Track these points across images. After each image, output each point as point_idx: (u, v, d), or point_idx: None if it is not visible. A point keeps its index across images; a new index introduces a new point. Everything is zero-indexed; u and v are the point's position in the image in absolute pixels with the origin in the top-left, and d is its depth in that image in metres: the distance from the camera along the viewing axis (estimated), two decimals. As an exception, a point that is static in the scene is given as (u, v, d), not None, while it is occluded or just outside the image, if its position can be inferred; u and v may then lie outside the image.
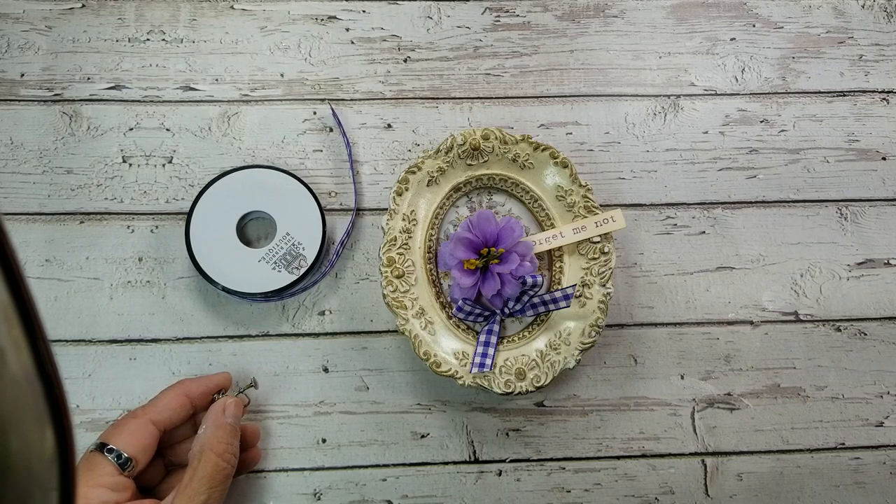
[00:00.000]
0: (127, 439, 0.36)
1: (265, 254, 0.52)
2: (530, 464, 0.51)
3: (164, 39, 0.59)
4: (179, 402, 0.40)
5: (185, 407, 0.40)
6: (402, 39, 0.60)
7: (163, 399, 0.39)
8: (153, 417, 0.38)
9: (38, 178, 0.55)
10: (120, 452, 0.35)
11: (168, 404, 0.39)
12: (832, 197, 0.57)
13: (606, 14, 0.61)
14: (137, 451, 0.36)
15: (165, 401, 0.39)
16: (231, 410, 0.40)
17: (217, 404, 0.41)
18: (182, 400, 0.40)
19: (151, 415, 0.38)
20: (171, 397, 0.40)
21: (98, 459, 0.35)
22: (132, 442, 0.36)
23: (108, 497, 0.34)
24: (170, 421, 0.39)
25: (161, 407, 0.39)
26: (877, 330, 0.55)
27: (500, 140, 0.52)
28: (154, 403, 0.39)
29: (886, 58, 0.61)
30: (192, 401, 0.40)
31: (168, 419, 0.39)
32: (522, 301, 0.50)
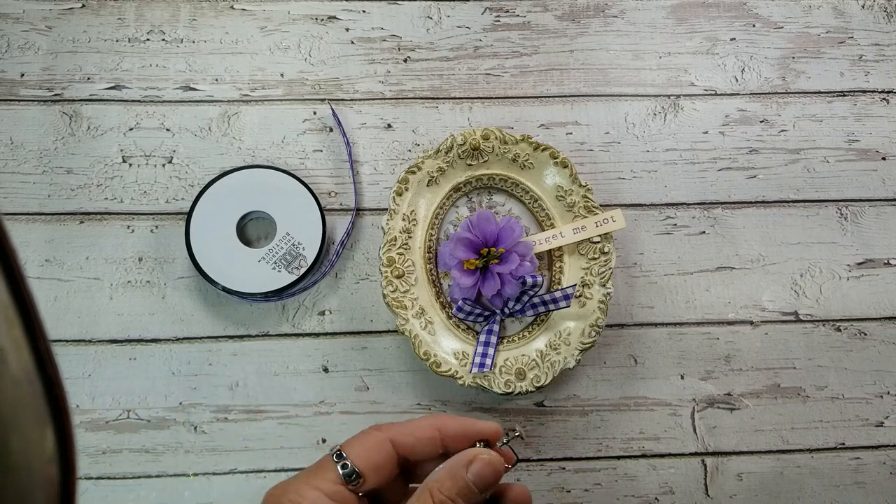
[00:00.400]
0: (360, 452, 0.34)
1: (265, 254, 0.52)
2: (530, 464, 0.51)
3: (164, 39, 0.59)
4: (428, 433, 0.36)
5: (433, 441, 0.35)
6: (402, 39, 0.60)
7: (412, 424, 0.36)
8: (394, 437, 0.35)
9: (38, 178, 0.55)
10: (347, 463, 0.33)
11: (414, 431, 0.35)
12: (832, 197, 0.57)
13: (606, 14, 0.61)
14: (368, 467, 0.33)
15: (413, 427, 0.36)
16: (477, 468, 0.34)
17: (466, 452, 0.35)
18: (431, 432, 0.36)
19: (394, 434, 0.35)
20: (420, 425, 0.36)
21: (328, 464, 0.33)
22: (364, 456, 0.34)
23: (322, 502, 0.32)
24: (412, 449, 0.35)
25: (407, 431, 0.35)
26: (877, 330, 0.55)
27: (500, 140, 0.52)
28: (402, 424, 0.36)
29: (886, 58, 0.61)
30: (443, 438, 0.36)
31: (410, 446, 0.35)
32: (522, 301, 0.50)
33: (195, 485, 0.50)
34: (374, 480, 0.33)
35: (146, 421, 0.51)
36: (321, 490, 0.32)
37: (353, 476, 0.33)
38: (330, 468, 0.33)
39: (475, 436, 0.36)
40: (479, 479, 0.33)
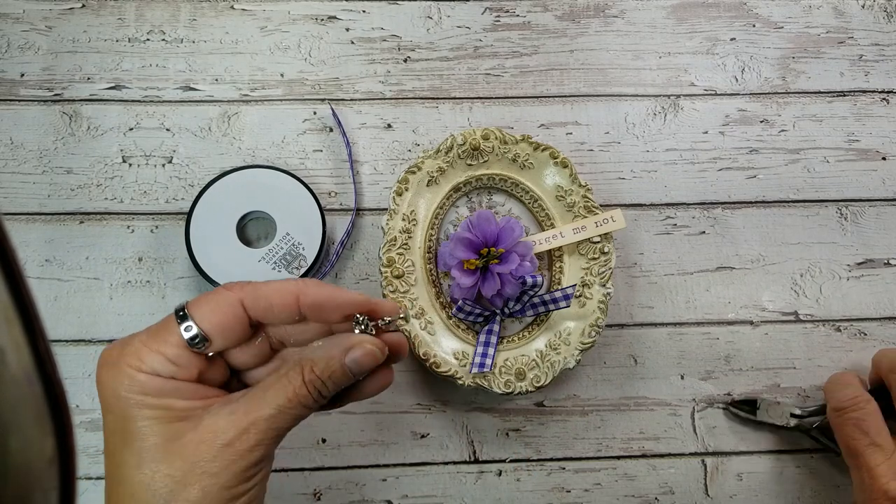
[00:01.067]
0: (207, 314, 0.30)
1: (265, 254, 0.52)
2: (530, 464, 0.51)
3: (164, 39, 0.59)
4: (284, 299, 0.32)
5: (288, 307, 0.32)
6: (402, 39, 0.60)
7: (268, 287, 0.32)
8: (245, 299, 0.31)
9: (38, 178, 0.55)
10: (192, 325, 0.30)
11: (270, 295, 0.32)
12: (832, 197, 0.58)
13: (606, 14, 0.61)
14: (215, 330, 0.30)
15: (269, 291, 0.32)
16: (357, 355, 0.31)
17: (352, 339, 0.32)
18: (287, 299, 0.32)
19: (245, 296, 0.31)
20: (277, 290, 0.32)
21: (170, 325, 0.30)
22: (211, 318, 0.30)
23: (162, 367, 0.29)
24: (264, 314, 0.32)
25: (261, 294, 0.31)
26: (877, 330, 0.55)
27: (500, 140, 0.52)
28: (257, 285, 0.32)
29: (886, 58, 0.61)
30: (302, 307, 0.32)
31: (262, 310, 0.31)
32: (522, 301, 0.50)
33: (195, 485, 0.50)
34: (221, 343, 0.31)
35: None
36: (162, 353, 0.29)
37: (198, 339, 0.30)
38: (173, 329, 0.30)
39: (340, 308, 0.33)
40: (355, 366, 0.32)
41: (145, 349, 0.29)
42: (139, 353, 0.29)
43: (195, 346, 0.30)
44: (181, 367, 0.30)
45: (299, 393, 0.30)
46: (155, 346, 0.29)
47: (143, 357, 0.29)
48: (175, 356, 0.30)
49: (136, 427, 0.28)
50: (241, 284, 0.32)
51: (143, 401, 0.28)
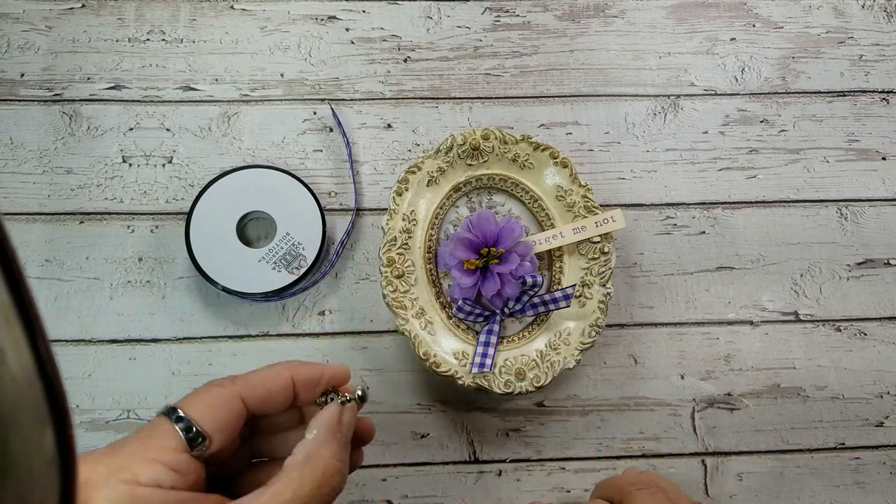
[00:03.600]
0: (204, 410, 0.27)
1: (265, 254, 0.52)
2: (530, 464, 0.51)
3: (164, 39, 0.59)
4: (281, 382, 0.30)
5: (285, 391, 0.30)
6: (402, 39, 0.60)
7: (261, 374, 0.30)
8: (244, 392, 0.29)
9: (38, 178, 0.55)
10: (191, 424, 0.27)
11: (266, 382, 0.30)
12: (832, 197, 0.58)
13: (606, 14, 0.61)
14: (214, 428, 0.27)
15: (264, 377, 0.30)
16: (347, 418, 0.31)
17: (332, 409, 0.31)
18: (285, 381, 0.30)
19: (243, 388, 0.29)
20: (272, 375, 0.30)
21: (163, 427, 0.27)
22: (210, 415, 0.27)
23: (164, 477, 0.25)
24: (263, 403, 0.30)
25: (257, 382, 0.29)
26: (877, 330, 0.55)
27: (500, 140, 0.52)
28: (248, 377, 0.30)
29: (886, 58, 0.61)
30: (296, 385, 0.31)
31: (261, 400, 0.29)
32: (522, 301, 0.50)
33: (195, 485, 0.50)
34: (220, 442, 0.28)
35: (146, 421, 0.51)
36: (160, 461, 0.26)
37: (199, 440, 0.27)
38: (168, 432, 0.27)
39: (327, 381, 0.32)
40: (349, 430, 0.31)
41: (139, 460, 0.26)
42: (132, 466, 0.25)
43: (196, 447, 0.27)
44: (182, 475, 0.26)
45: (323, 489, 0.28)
46: (151, 454, 0.26)
47: (139, 469, 0.25)
48: (175, 463, 0.26)
49: None
50: (232, 378, 0.30)
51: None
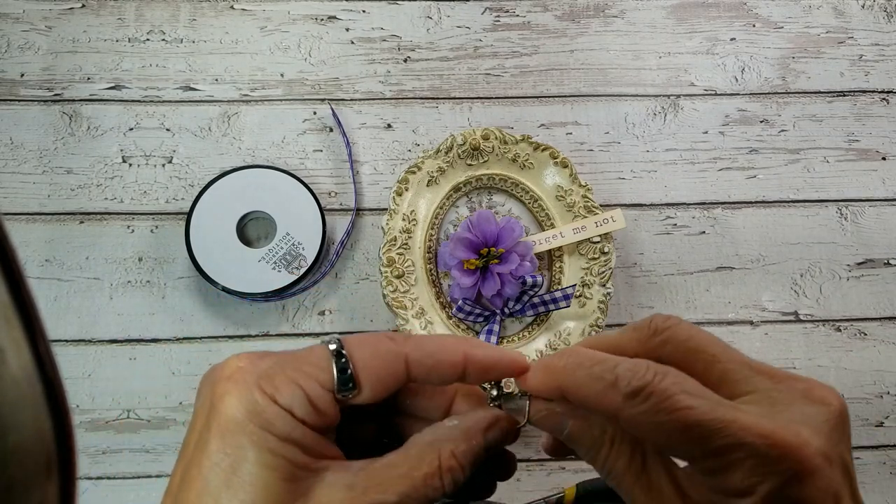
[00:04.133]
0: (367, 360, 0.25)
1: (265, 254, 0.52)
2: (530, 464, 0.51)
3: (164, 39, 0.59)
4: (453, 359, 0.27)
5: (454, 368, 0.27)
6: (402, 39, 0.60)
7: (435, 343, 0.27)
8: (412, 356, 0.26)
9: (38, 178, 0.55)
10: (348, 367, 0.24)
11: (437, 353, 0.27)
12: (832, 197, 0.57)
13: (606, 14, 0.61)
14: (368, 382, 0.25)
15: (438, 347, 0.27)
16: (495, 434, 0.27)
17: (486, 414, 0.28)
18: (457, 358, 0.27)
19: (412, 351, 0.26)
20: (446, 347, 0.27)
21: (320, 356, 0.24)
22: (371, 366, 0.25)
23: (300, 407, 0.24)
24: (427, 374, 0.27)
25: (428, 351, 0.26)
26: (877, 330, 0.55)
27: (500, 140, 0.52)
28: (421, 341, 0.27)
29: (886, 58, 0.61)
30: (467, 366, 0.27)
31: (427, 370, 0.26)
32: (522, 301, 0.50)
33: (195, 485, 0.50)
34: (367, 397, 0.25)
35: (146, 421, 0.51)
36: (304, 389, 0.24)
37: (348, 384, 0.25)
38: (323, 364, 0.25)
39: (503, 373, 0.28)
40: (491, 445, 0.27)
41: (284, 377, 0.24)
42: (275, 379, 0.24)
43: (343, 391, 0.25)
44: (317, 413, 0.24)
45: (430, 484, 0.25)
46: (298, 378, 0.24)
47: (281, 386, 0.23)
48: (317, 397, 0.24)
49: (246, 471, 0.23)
50: (405, 337, 0.27)
51: (265, 440, 0.23)
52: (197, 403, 0.24)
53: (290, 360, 0.24)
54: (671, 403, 0.22)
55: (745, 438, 0.21)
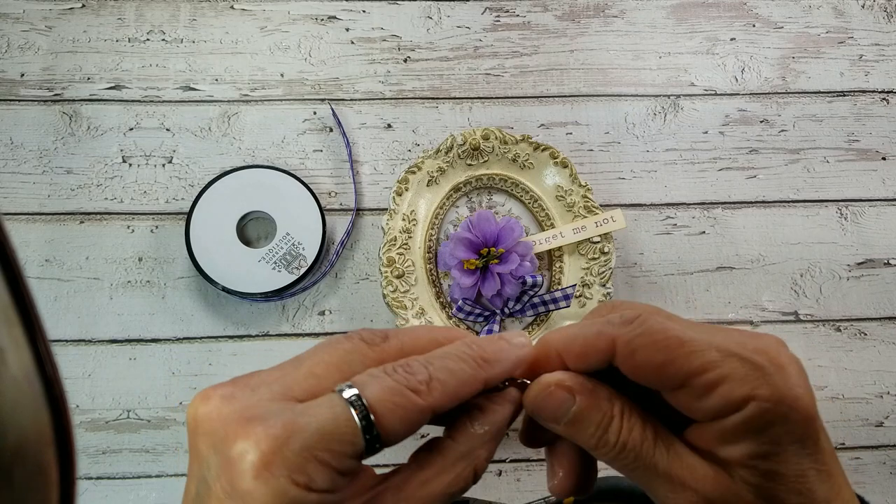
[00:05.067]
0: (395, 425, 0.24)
1: (265, 254, 0.52)
2: (530, 464, 0.51)
3: (164, 39, 0.59)
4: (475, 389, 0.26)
5: (473, 393, 0.26)
6: (402, 39, 0.60)
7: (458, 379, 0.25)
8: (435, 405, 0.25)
9: (38, 178, 0.55)
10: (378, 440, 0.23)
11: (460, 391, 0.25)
12: (832, 197, 0.57)
13: (606, 14, 0.61)
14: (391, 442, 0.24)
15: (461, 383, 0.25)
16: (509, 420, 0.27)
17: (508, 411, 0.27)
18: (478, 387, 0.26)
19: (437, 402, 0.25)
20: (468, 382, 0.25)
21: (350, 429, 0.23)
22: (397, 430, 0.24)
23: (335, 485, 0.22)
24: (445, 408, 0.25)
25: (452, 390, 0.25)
26: (877, 330, 0.55)
27: (500, 140, 0.52)
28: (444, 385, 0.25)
29: (886, 58, 0.61)
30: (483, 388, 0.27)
31: (444, 407, 0.25)
32: (522, 301, 0.50)
33: (195, 485, 0.50)
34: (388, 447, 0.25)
35: (146, 421, 0.51)
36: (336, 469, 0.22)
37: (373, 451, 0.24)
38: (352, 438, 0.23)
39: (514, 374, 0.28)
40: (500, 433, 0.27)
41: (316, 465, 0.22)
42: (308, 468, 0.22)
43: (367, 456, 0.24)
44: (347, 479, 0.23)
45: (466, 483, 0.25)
46: (327, 458, 0.22)
47: (315, 475, 0.22)
48: (344, 469, 0.23)
49: None
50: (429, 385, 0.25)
51: None
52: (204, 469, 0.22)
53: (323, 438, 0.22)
54: (662, 326, 0.23)
55: (730, 348, 0.22)
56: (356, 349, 0.25)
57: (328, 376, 0.24)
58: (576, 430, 0.25)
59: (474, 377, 0.26)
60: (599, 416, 0.25)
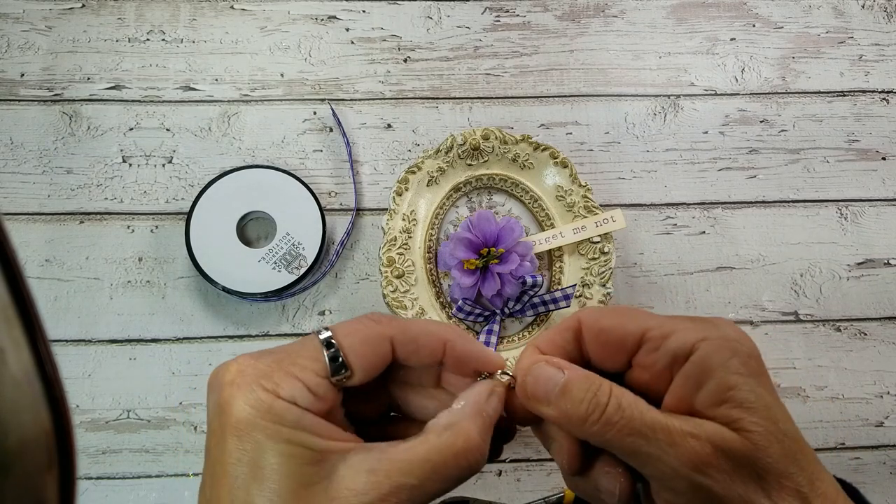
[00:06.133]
0: (356, 345, 0.27)
1: (265, 254, 0.52)
2: (530, 464, 0.51)
3: (164, 39, 0.59)
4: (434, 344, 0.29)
5: (435, 353, 0.29)
6: (402, 39, 0.60)
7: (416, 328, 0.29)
8: (396, 337, 0.28)
9: (38, 178, 0.55)
10: (339, 354, 0.27)
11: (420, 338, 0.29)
12: (832, 197, 0.57)
13: (606, 14, 0.61)
14: (358, 365, 0.27)
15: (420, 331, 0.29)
16: (493, 405, 0.29)
17: (485, 386, 0.29)
18: (438, 344, 0.29)
19: (396, 333, 0.28)
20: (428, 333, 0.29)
21: (311, 347, 0.27)
22: (360, 351, 0.27)
23: (302, 397, 0.25)
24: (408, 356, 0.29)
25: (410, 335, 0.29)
26: (877, 330, 0.55)
27: (500, 140, 0.52)
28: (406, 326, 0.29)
29: (886, 58, 0.61)
30: (445, 354, 0.30)
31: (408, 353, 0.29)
32: (522, 301, 0.50)
33: (195, 485, 0.50)
34: (360, 378, 0.27)
35: (146, 421, 0.51)
36: (302, 381, 0.26)
37: (340, 371, 0.27)
38: (314, 355, 0.26)
39: (479, 368, 0.31)
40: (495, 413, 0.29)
41: (281, 373, 0.26)
42: (274, 376, 0.25)
43: (337, 376, 0.27)
44: (318, 399, 0.26)
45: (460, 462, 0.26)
46: (294, 371, 0.26)
47: (280, 382, 0.25)
48: (315, 385, 0.26)
49: (268, 462, 0.24)
50: (389, 319, 0.29)
51: (278, 432, 0.25)
52: (208, 410, 0.26)
53: (286, 356, 0.26)
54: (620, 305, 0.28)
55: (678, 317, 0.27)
56: (362, 322, 0.28)
57: None
58: (567, 401, 0.26)
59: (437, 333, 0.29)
60: (588, 384, 0.26)
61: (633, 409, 0.25)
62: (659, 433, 0.24)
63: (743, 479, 0.23)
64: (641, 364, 0.27)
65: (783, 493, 0.23)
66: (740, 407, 0.24)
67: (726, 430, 0.24)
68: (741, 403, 0.24)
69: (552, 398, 0.27)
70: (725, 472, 0.23)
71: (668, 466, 0.24)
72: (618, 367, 0.28)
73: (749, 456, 0.23)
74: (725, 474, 0.23)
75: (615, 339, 0.27)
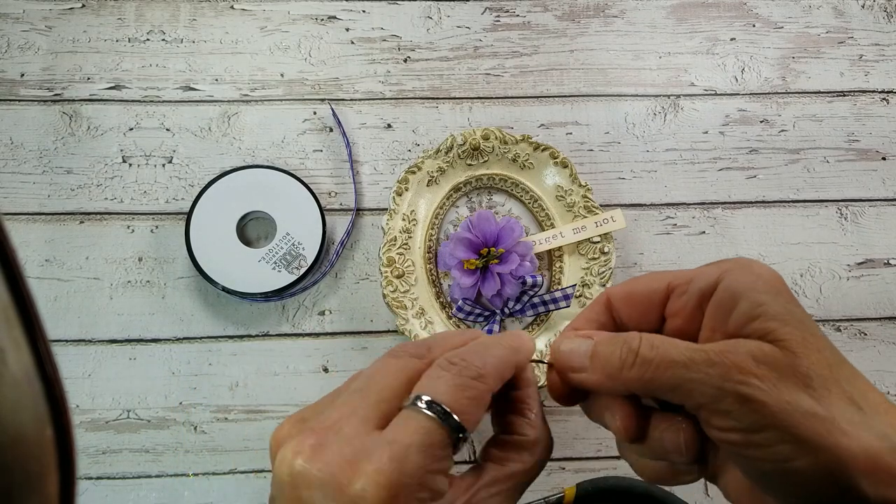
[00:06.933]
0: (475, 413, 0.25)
1: (265, 254, 0.52)
2: (530, 464, 0.51)
3: (164, 39, 0.59)
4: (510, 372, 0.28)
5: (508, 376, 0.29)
6: (402, 39, 0.60)
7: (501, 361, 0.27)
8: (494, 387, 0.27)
9: (38, 178, 0.55)
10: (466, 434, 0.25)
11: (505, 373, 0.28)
12: (832, 197, 0.57)
13: (606, 14, 0.61)
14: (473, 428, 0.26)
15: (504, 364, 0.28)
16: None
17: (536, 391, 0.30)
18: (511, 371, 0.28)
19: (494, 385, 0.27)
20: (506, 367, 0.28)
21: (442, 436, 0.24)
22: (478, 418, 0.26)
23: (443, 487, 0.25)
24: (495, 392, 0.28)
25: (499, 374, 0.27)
26: (877, 330, 0.55)
27: (500, 140, 0.52)
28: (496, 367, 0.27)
29: (886, 58, 0.61)
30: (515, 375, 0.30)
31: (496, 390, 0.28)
32: (522, 301, 0.50)
33: (195, 485, 0.50)
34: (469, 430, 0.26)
35: (146, 421, 0.51)
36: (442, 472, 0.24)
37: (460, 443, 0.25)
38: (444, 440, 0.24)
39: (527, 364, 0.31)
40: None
41: (428, 474, 0.24)
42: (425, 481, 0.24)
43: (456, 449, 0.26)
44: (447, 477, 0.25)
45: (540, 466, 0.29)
46: (436, 466, 0.24)
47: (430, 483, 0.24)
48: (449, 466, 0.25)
49: None
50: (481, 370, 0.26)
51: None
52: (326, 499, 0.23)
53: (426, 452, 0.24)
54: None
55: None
56: (409, 365, 0.27)
57: (395, 397, 0.25)
58: (599, 360, 0.27)
59: (511, 361, 0.28)
60: (615, 338, 0.26)
61: (666, 345, 0.25)
62: (697, 358, 0.24)
63: (788, 387, 0.22)
64: (672, 312, 0.27)
65: (832, 398, 0.22)
66: (773, 319, 0.23)
67: (762, 342, 0.23)
68: (774, 317, 0.23)
69: (586, 363, 0.27)
70: (770, 381, 0.22)
71: (712, 387, 0.23)
72: (652, 326, 0.28)
73: (789, 363, 0.23)
74: (770, 382, 0.22)
75: (643, 298, 0.28)
